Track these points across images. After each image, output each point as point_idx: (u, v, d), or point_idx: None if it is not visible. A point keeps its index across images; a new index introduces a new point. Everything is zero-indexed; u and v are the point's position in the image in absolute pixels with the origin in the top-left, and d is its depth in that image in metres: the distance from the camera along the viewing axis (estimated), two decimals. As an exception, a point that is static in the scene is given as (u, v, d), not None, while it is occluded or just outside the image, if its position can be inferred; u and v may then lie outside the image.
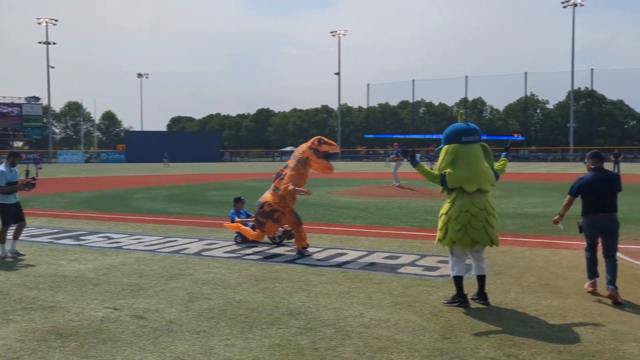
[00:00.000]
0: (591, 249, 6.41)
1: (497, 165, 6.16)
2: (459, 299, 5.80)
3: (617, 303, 5.76)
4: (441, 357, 4.33)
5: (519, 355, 4.34)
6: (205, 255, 8.62)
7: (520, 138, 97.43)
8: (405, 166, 15.45)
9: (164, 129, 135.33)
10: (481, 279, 5.91)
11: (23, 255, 8.62)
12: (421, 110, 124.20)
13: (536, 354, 4.38)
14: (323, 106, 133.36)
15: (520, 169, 55.38)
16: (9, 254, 8.55)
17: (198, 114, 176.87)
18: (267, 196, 9.14)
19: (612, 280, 5.96)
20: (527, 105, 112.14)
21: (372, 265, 7.82)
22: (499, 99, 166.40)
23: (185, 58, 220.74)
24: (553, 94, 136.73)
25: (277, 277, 7.10)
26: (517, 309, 5.67)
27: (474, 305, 5.81)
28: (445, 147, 5.92)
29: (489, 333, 4.90)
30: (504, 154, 6.63)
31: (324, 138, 9.14)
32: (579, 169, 53.06)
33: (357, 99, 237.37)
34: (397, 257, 8.38)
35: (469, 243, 5.60)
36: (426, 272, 7.41)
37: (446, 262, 7.13)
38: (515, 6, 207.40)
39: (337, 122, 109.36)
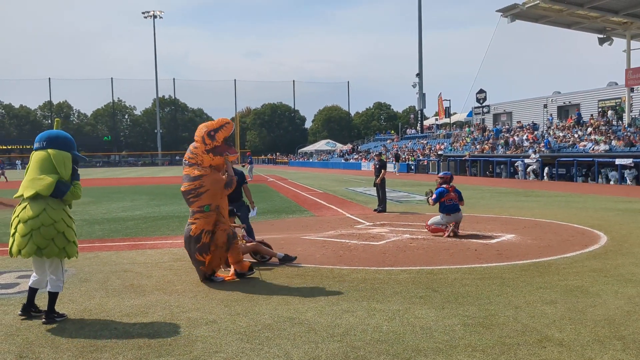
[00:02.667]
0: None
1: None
2: (21, 311, 5.60)
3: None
4: (16, 379, 4.04)
5: (100, 359, 4.38)
6: None
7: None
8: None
9: None
10: (48, 296, 5.52)
11: None
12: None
13: (117, 353, 4.49)
14: None
15: (111, 174, 55.23)
16: None
17: None
18: (196, 225, 6.91)
19: None
20: (115, 110, 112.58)
21: None
22: (86, 104, 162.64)
23: None
24: (140, 101, 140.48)
25: None
26: (101, 313, 5.69)
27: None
28: None
29: (71, 343, 4.78)
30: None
31: (207, 124, 6.97)
32: (168, 172, 56.17)
33: None
34: (-35, 279, 7.38)
35: (16, 251, 5.35)
36: (2, 290, 6.77)
37: (27, 277, 6.68)
38: (98, 10, 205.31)
39: None
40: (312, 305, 5.83)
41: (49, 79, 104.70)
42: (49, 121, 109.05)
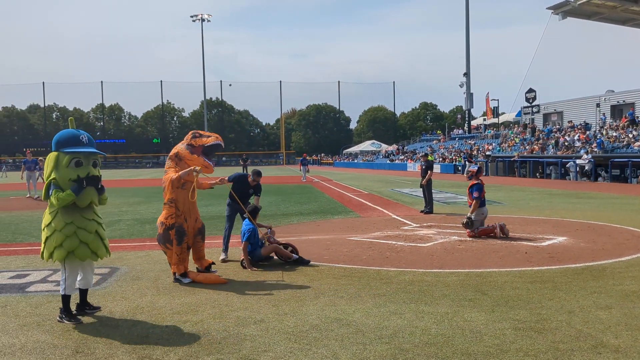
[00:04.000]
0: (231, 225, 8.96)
1: None
2: (76, 310, 5.84)
3: None
4: (73, 373, 4.18)
5: (152, 356, 4.48)
6: None
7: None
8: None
9: None
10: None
11: None
12: (54, 116, 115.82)
13: (169, 351, 4.59)
14: None
15: (161, 174, 56.28)
16: None
17: None
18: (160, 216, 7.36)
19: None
20: (164, 112, 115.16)
21: (-6, 288, 6.99)
22: (136, 106, 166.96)
23: None
24: (188, 103, 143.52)
25: None
26: (153, 311, 5.83)
27: (109, 314, 5.76)
28: None
29: (124, 339, 4.92)
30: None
31: (200, 131, 7.54)
32: (215, 172, 57.05)
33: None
34: (25, 276, 7.68)
35: None
36: (59, 288, 6.98)
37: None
38: (147, 14, 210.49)
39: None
40: (360, 307, 5.81)
41: (101, 82, 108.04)
42: (102, 123, 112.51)
